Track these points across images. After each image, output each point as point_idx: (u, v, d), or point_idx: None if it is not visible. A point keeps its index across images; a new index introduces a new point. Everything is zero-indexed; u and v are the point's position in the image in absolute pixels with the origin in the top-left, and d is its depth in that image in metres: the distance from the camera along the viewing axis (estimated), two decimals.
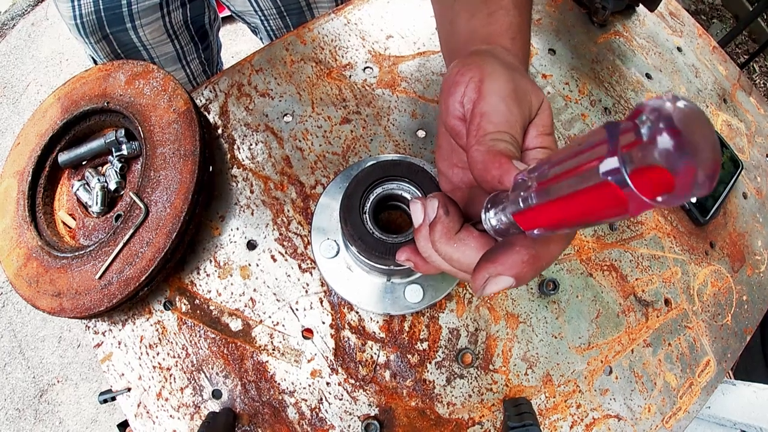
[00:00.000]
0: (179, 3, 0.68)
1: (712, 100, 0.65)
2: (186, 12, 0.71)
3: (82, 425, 1.40)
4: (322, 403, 0.41)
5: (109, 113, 0.46)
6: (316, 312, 0.43)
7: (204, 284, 0.44)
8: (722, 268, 0.56)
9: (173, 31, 0.70)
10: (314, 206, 0.46)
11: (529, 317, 0.46)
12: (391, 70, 0.53)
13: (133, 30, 0.65)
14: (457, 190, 0.32)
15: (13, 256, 0.42)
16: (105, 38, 0.65)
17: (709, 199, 0.56)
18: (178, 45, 0.73)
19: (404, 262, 0.31)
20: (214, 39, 0.82)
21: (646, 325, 0.49)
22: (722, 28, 2.23)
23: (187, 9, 0.71)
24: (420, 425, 0.42)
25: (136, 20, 0.65)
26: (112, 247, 0.39)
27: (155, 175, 0.41)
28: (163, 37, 0.70)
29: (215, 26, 0.82)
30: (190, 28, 0.74)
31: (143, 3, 0.64)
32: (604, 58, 0.61)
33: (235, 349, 0.42)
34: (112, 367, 0.42)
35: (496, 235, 0.24)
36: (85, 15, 0.62)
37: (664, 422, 0.47)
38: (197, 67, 0.80)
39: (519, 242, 0.23)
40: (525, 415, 0.39)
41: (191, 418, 0.40)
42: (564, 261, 0.49)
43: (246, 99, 0.50)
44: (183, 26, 0.72)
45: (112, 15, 0.63)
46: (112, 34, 0.65)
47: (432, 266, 0.29)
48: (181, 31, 0.72)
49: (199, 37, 0.76)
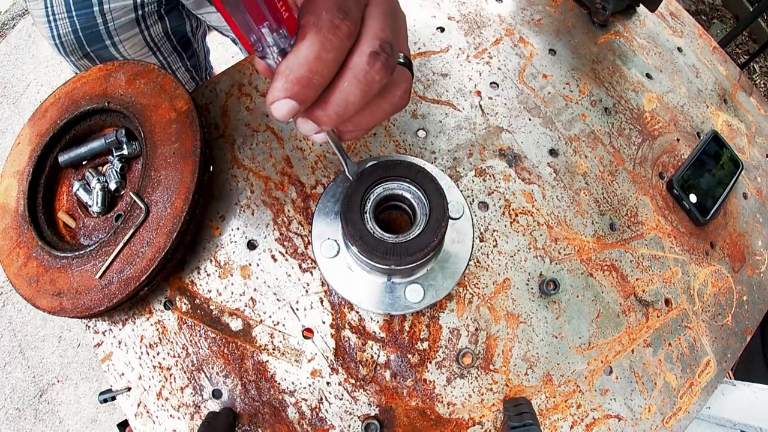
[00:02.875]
0: (156, 16, 0.68)
1: (713, 101, 0.65)
2: (165, 24, 0.70)
3: (82, 425, 1.40)
4: (322, 403, 0.41)
5: (109, 113, 0.46)
6: (316, 312, 0.43)
7: (204, 284, 0.44)
8: (722, 269, 0.56)
9: (154, 44, 0.70)
10: (315, 206, 0.46)
11: (530, 317, 0.46)
12: None
13: (113, 46, 0.65)
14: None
15: (14, 255, 0.42)
16: (86, 56, 0.65)
17: (709, 200, 0.56)
18: (161, 56, 0.72)
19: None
20: (199, 46, 0.82)
21: (646, 325, 0.49)
22: (723, 29, 2.23)
23: (166, 21, 0.70)
24: (420, 425, 0.42)
25: (114, 37, 0.64)
26: (112, 246, 0.39)
27: (156, 175, 0.41)
28: (145, 51, 0.69)
29: (198, 33, 0.81)
30: (172, 39, 0.73)
31: (119, 20, 0.63)
32: (604, 59, 0.61)
33: (235, 348, 0.42)
34: (112, 366, 0.42)
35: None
36: (63, 35, 0.62)
37: (665, 422, 0.47)
38: (184, 75, 0.79)
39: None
40: (525, 415, 0.39)
41: (191, 417, 0.40)
42: (564, 261, 0.49)
43: (247, 99, 0.50)
44: (164, 38, 0.71)
45: (89, 34, 0.63)
46: (92, 52, 0.65)
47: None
48: (162, 43, 0.71)
49: (181, 46, 0.76)
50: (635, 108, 0.59)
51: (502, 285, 0.46)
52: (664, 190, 0.56)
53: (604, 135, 0.56)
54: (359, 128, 0.29)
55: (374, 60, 0.24)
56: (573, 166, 0.53)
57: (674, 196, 0.56)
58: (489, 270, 0.47)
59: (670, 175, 0.57)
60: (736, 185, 0.60)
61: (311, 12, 0.23)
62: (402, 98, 0.29)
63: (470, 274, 0.46)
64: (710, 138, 0.60)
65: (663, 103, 0.61)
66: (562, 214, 0.50)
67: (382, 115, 0.29)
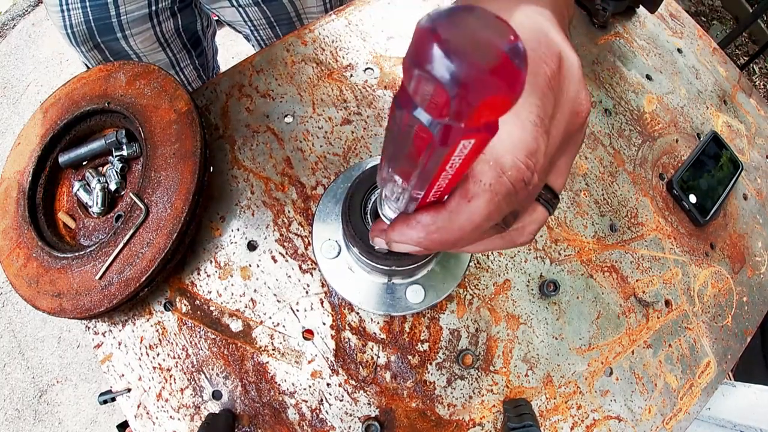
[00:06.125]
0: (169, 13, 0.68)
1: (713, 102, 0.65)
2: (177, 21, 0.70)
3: (81, 426, 1.39)
4: (322, 404, 0.41)
5: (109, 113, 0.45)
6: (316, 313, 0.43)
7: (204, 285, 0.44)
8: (722, 270, 0.56)
9: (164, 39, 0.70)
10: (315, 207, 0.46)
11: (530, 318, 0.46)
12: (392, 71, 0.53)
13: (124, 39, 0.65)
14: None
15: (13, 256, 0.41)
16: (96, 47, 0.65)
17: (709, 200, 0.56)
18: (170, 53, 0.73)
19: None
20: (208, 45, 0.82)
21: (646, 326, 0.49)
22: (722, 30, 2.23)
23: (178, 18, 0.70)
24: (420, 426, 0.41)
25: (126, 30, 0.64)
26: (112, 247, 0.39)
27: (156, 175, 0.41)
28: (155, 46, 0.69)
29: (209, 32, 0.81)
30: (182, 36, 0.73)
31: (132, 14, 0.63)
32: (604, 60, 0.61)
33: (235, 350, 0.42)
34: (112, 367, 0.42)
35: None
36: (76, 25, 0.62)
37: (665, 423, 0.47)
38: (191, 73, 0.80)
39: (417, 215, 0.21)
40: (525, 416, 0.39)
41: (191, 419, 0.40)
42: (564, 262, 0.49)
43: (247, 100, 0.50)
44: (174, 35, 0.71)
45: (102, 25, 0.63)
46: (103, 43, 0.65)
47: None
48: (173, 39, 0.72)
49: (191, 44, 0.76)
50: (635, 109, 0.59)
51: (503, 286, 0.46)
52: (664, 191, 0.56)
53: (604, 136, 0.56)
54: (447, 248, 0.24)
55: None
56: (573, 167, 0.53)
57: (674, 196, 0.56)
58: (489, 271, 0.46)
59: (670, 176, 0.57)
60: (735, 186, 0.60)
61: (489, 165, 0.18)
62: (525, 239, 0.24)
63: (470, 275, 0.46)
64: (710, 139, 0.60)
65: (663, 104, 0.61)
66: (562, 215, 0.50)
67: (489, 248, 0.24)
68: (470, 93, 0.12)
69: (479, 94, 0.12)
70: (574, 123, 0.22)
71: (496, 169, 0.18)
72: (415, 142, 0.15)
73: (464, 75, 0.12)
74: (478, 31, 0.12)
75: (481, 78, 0.12)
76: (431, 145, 0.14)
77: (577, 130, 0.23)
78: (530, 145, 0.18)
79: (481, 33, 0.12)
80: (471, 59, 0.12)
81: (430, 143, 0.14)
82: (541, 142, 0.19)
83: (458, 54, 0.12)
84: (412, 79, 0.13)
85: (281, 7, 0.70)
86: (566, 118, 0.21)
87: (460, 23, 0.12)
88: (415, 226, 0.20)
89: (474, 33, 0.12)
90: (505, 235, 0.23)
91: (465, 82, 0.12)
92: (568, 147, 0.23)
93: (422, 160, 0.16)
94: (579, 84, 0.22)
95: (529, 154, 0.18)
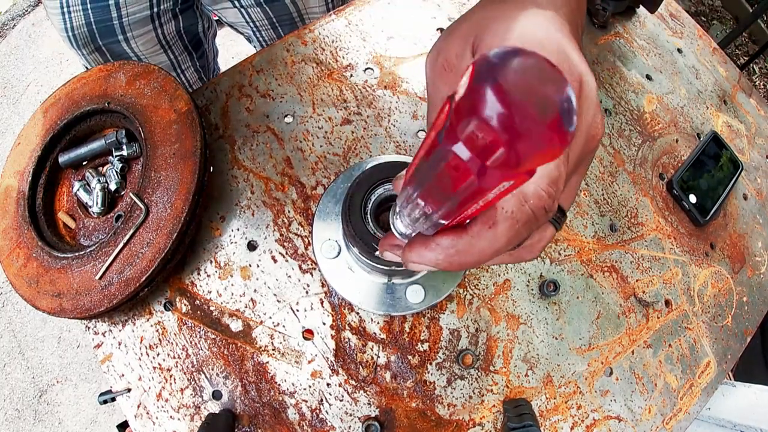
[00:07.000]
0: (171, 15, 0.68)
1: (713, 102, 0.65)
2: (178, 23, 0.70)
3: (81, 426, 1.39)
4: (322, 404, 0.41)
5: (109, 113, 0.45)
6: (316, 313, 0.43)
7: (204, 285, 0.44)
8: (722, 270, 0.56)
9: (166, 42, 0.70)
10: (315, 207, 0.46)
11: (530, 318, 0.46)
12: (392, 71, 0.53)
13: (126, 42, 0.65)
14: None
15: (13, 256, 0.41)
16: (98, 50, 0.65)
17: (709, 200, 0.56)
18: (171, 55, 0.73)
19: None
20: (209, 47, 0.82)
21: (646, 326, 0.49)
22: (722, 30, 2.23)
23: (180, 20, 0.70)
24: (420, 426, 0.41)
25: (127, 32, 0.64)
26: (112, 247, 0.39)
27: (156, 175, 0.41)
28: (156, 48, 0.69)
29: (210, 33, 0.81)
30: (184, 38, 0.73)
31: (134, 16, 0.63)
32: (604, 60, 0.61)
33: (235, 349, 0.42)
34: (112, 367, 0.42)
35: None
36: (77, 27, 0.62)
37: (665, 423, 0.47)
38: (192, 75, 0.80)
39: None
40: (525, 416, 0.39)
41: (191, 419, 0.40)
42: (564, 262, 0.49)
43: (247, 100, 0.50)
44: (176, 37, 0.71)
45: (103, 27, 0.63)
46: (104, 45, 0.65)
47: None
48: (174, 41, 0.72)
49: (192, 46, 0.76)
50: (635, 109, 0.59)
51: (503, 286, 0.46)
52: (664, 191, 0.56)
53: (605, 136, 0.56)
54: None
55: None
56: None
57: (674, 196, 0.56)
58: (489, 271, 0.46)
59: (670, 176, 0.57)
60: (735, 186, 0.60)
61: (512, 194, 0.18)
62: (533, 256, 0.24)
63: (470, 275, 0.46)
64: (710, 139, 0.60)
65: (663, 104, 0.61)
66: None
67: (496, 263, 0.25)
68: (524, 145, 0.12)
69: (533, 147, 0.12)
70: (589, 146, 0.22)
71: (519, 197, 0.18)
72: (452, 177, 0.15)
73: (523, 129, 0.12)
74: (537, 83, 0.12)
75: (538, 133, 0.12)
76: (470, 183, 0.14)
77: (591, 152, 0.23)
78: (552, 173, 0.19)
79: (540, 86, 0.12)
80: (530, 114, 0.12)
81: (469, 181, 0.14)
82: (562, 170, 0.19)
83: (518, 107, 0.12)
84: (465, 122, 0.13)
85: (283, 8, 0.70)
86: (583, 142, 0.22)
87: (520, 71, 0.12)
88: (434, 249, 0.21)
89: (533, 85, 0.12)
90: (514, 252, 0.23)
91: (522, 135, 0.12)
92: (580, 167, 0.24)
93: (456, 195, 0.16)
94: (596, 108, 0.22)
95: (551, 182, 0.19)
